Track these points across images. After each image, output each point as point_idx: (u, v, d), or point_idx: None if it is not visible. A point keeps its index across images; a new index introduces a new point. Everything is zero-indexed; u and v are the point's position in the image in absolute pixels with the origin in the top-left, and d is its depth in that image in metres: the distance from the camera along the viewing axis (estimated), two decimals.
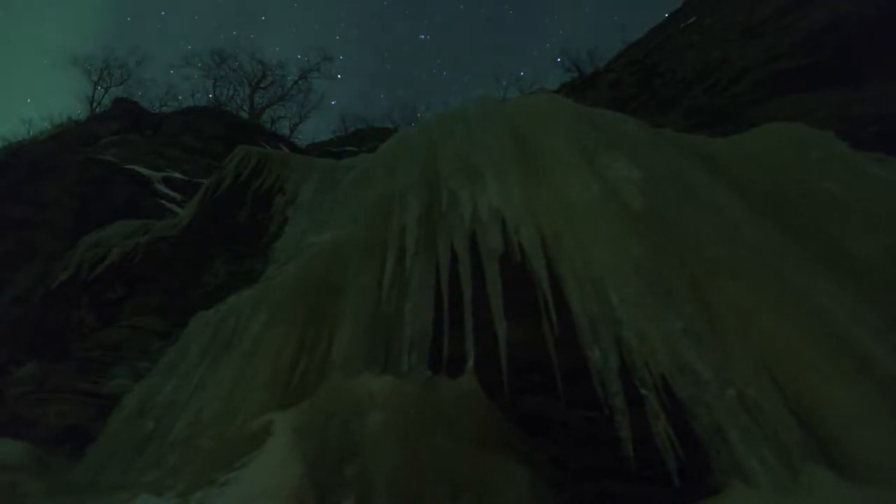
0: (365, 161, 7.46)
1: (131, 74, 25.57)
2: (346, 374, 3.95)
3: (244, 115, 23.55)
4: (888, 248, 3.46)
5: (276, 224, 7.16)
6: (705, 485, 2.85)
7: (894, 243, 3.48)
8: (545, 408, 4.06)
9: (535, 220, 4.15)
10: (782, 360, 2.73)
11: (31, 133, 20.10)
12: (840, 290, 2.99)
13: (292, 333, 4.43)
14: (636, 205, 3.71)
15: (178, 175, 12.68)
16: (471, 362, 3.83)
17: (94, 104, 23.48)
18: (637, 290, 3.22)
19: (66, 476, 4.43)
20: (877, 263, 3.34)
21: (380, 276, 4.71)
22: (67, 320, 7.08)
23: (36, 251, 9.63)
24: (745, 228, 3.50)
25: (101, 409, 5.29)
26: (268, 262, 6.57)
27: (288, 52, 45.64)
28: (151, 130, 15.97)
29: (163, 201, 11.18)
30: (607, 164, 4.15)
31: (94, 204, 10.14)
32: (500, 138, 5.23)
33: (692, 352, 2.86)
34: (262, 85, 25.74)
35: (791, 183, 4.14)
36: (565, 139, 4.69)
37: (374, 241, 5.05)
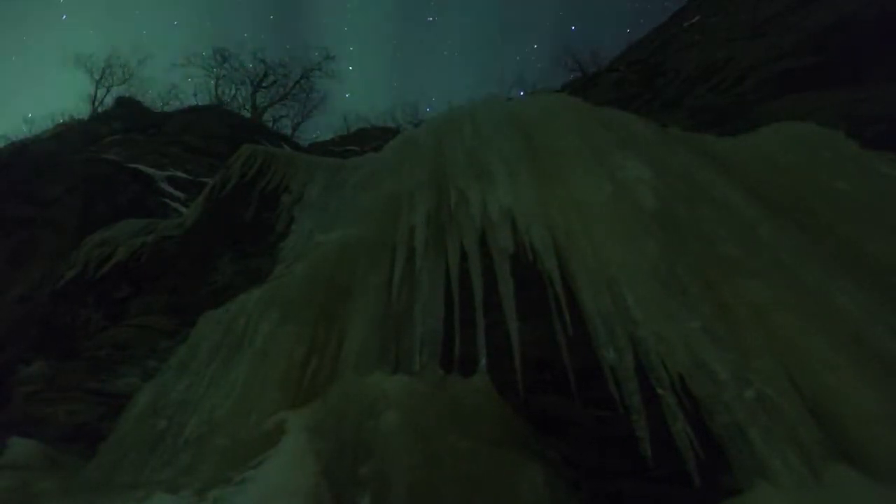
0: (371, 160, 7.46)
1: (133, 74, 25.65)
2: (359, 373, 3.96)
3: (246, 114, 23.57)
4: None
5: (282, 223, 7.17)
6: (720, 484, 2.86)
7: None
8: (556, 407, 4.07)
9: (546, 220, 4.15)
10: (800, 360, 2.74)
11: (33, 132, 20.12)
12: (857, 290, 3.00)
13: (303, 333, 4.43)
14: (649, 204, 3.71)
15: (181, 174, 12.70)
16: (483, 361, 3.83)
17: (97, 103, 23.52)
18: (653, 289, 3.23)
19: (79, 475, 4.44)
20: (891, 263, 3.35)
21: (389, 275, 4.72)
22: (74, 319, 7.10)
23: (40, 250, 9.63)
24: (758, 228, 3.50)
25: (111, 407, 5.30)
26: (275, 262, 6.57)
27: (298, 49, 45.60)
28: (154, 129, 15.98)
29: (166, 200, 11.21)
30: (619, 163, 4.16)
31: (99, 203, 10.16)
32: (509, 137, 5.23)
33: (710, 351, 2.86)
34: (263, 84, 25.78)
35: (802, 182, 4.15)
36: (575, 138, 4.69)
37: (382, 240, 5.05)
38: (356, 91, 74.23)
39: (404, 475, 3.02)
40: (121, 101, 18.47)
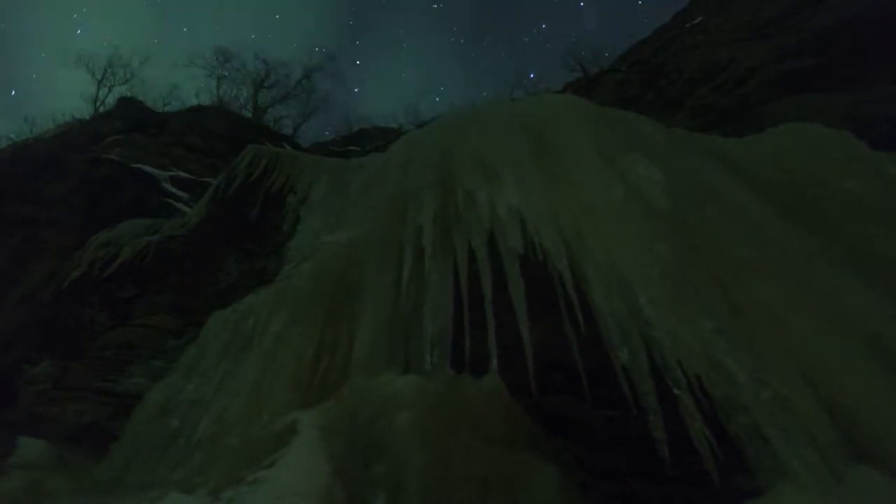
0: (376, 161, 7.46)
1: (135, 74, 25.61)
2: (369, 373, 3.97)
3: (247, 114, 23.56)
4: None
5: (288, 223, 7.17)
6: (735, 485, 2.86)
7: None
8: (567, 407, 4.08)
9: (556, 221, 4.16)
10: (816, 361, 2.74)
11: (35, 132, 20.10)
12: (869, 290, 3.01)
13: (312, 333, 4.44)
14: (660, 205, 3.71)
15: (183, 174, 12.69)
16: (495, 361, 3.84)
17: (98, 103, 23.46)
18: (666, 290, 3.23)
19: (90, 474, 4.45)
20: None
21: (397, 276, 4.71)
22: (79, 319, 7.09)
23: (43, 250, 9.61)
24: (769, 229, 3.51)
25: (119, 407, 5.32)
26: (281, 262, 6.59)
27: (305, 47, 45.71)
28: (155, 129, 15.95)
29: (169, 200, 11.20)
30: (628, 164, 4.16)
31: (102, 203, 10.16)
32: (516, 138, 5.22)
33: (725, 352, 2.86)
34: (265, 84, 25.77)
35: (812, 183, 4.16)
36: (584, 139, 4.69)
37: (390, 241, 5.05)
38: (365, 84, 74.08)
39: (418, 475, 3.02)
40: (122, 101, 18.43)
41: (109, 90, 24.46)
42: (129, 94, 21.45)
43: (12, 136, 21.05)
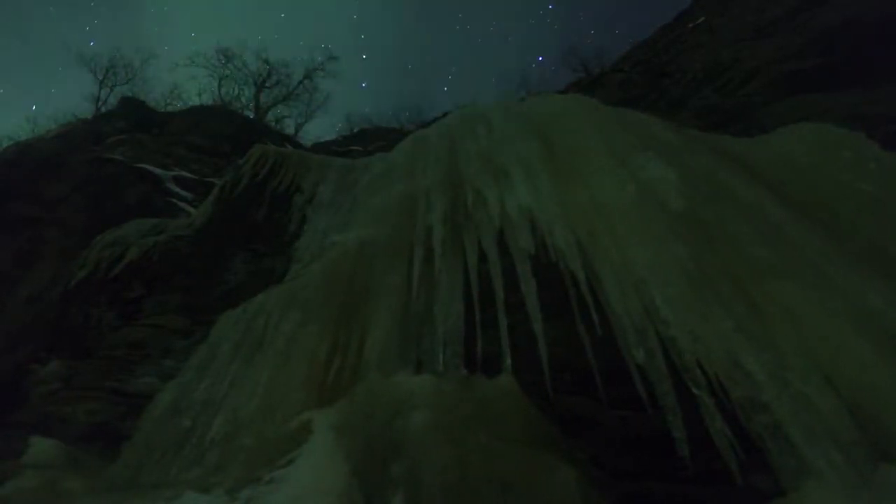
0: (383, 161, 7.45)
1: (137, 74, 25.58)
2: (382, 372, 3.97)
3: (249, 114, 23.53)
4: None
5: (294, 223, 7.16)
6: (752, 484, 2.87)
7: None
8: (580, 407, 4.09)
9: (568, 220, 4.16)
10: (835, 360, 2.75)
11: (36, 132, 20.07)
12: (887, 289, 3.01)
13: (325, 332, 4.44)
14: (675, 205, 3.72)
15: (187, 174, 12.67)
16: (509, 361, 3.85)
17: (100, 103, 23.42)
18: (683, 290, 3.24)
19: (104, 474, 4.44)
20: None
21: (408, 275, 4.72)
22: (86, 319, 7.07)
23: (47, 250, 9.60)
24: (785, 228, 3.52)
25: (130, 407, 5.31)
26: (288, 262, 6.57)
27: (310, 45, 45.76)
28: (157, 129, 15.92)
29: (173, 200, 11.17)
30: (641, 164, 4.16)
31: (106, 202, 10.14)
32: (525, 137, 5.23)
33: (746, 352, 2.87)
34: (267, 84, 25.73)
35: (825, 183, 4.17)
36: (594, 139, 4.70)
37: (399, 240, 5.06)
38: (372, 79, 73.96)
39: (436, 475, 3.02)
40: (124, 101, 18.36)
41: (111, 90, 24.43)
42: (130, 94, 21.41)
43: (16, 137, 21.00)
